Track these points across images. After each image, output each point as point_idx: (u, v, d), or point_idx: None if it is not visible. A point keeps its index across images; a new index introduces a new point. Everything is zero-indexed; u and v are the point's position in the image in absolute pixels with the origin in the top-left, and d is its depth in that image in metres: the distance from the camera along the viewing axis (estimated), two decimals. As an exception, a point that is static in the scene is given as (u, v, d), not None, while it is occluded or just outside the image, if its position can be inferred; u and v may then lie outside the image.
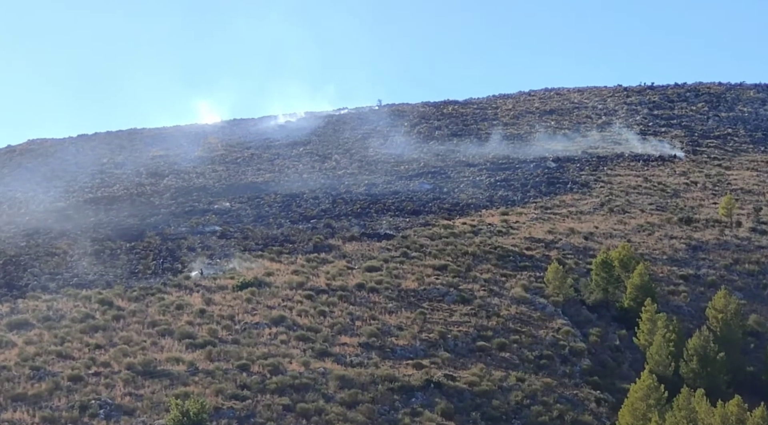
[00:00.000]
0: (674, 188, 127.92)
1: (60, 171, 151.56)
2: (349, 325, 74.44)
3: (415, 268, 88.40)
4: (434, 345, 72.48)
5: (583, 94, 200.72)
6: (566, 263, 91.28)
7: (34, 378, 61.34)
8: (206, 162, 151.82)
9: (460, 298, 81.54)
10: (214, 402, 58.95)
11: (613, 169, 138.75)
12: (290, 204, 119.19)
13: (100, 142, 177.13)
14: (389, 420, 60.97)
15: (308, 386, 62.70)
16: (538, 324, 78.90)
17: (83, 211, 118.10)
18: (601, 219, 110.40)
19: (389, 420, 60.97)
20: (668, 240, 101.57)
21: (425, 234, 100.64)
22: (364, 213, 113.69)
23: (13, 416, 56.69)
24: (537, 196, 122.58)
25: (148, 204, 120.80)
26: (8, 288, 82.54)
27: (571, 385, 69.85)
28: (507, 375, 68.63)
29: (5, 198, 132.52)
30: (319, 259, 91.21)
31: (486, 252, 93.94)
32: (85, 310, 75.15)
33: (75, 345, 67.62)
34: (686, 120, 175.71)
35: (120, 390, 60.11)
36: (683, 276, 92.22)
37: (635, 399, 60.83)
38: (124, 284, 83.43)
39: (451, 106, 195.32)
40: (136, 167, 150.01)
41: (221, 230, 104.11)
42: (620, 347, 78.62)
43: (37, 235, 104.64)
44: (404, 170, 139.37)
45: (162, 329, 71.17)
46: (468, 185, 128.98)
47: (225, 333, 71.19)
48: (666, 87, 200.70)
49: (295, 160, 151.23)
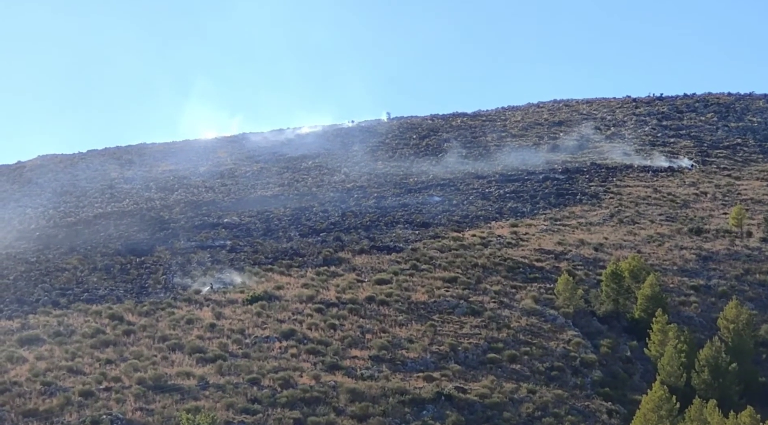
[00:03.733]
0: (684, 199, 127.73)
1: (70, 186, 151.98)
2: (360, 338, 74.39)
3: (425, 281, 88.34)
4: (445, 358, 72.39)
5: (591, 106, 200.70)
6: (576, 274, 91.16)
7: (45, 393, 61.40)
8: (215, 176, 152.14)
9: (470, 310, 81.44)
10: (224, 416, 58.92)
11: (622, 180, 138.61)
12: (299, 217, 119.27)
13: (109, 158, 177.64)
14: (400, 433, 60.88)
15: (319, 399, 62.64)
16: (548, 335, 78.76)
17: (93, 226, 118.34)
18: (610, 230, 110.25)
19: (400, 433, 60.88)
20: (678, 251, 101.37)
21: (435, 247, 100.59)
22: (374, 226, 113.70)
23: (24, 431, 56.81)
24: (546, 208, 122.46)
25: (158, 218, 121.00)
26: (19, 304, 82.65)
27: (583, 397, 69.67)
28: (518, 387, 68.47)
29: (16, 213, 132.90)
30: (329, 272, 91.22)
31: (496, 264, 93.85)
32: (96, 325, 75.22)
33: (86, 360, 67.68)
34: (695, 130, 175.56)
35: (131, 405, 60.11)
36: (694, 287, 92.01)
37: (647, 410, 60.66)
38: (135, 299, 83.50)
39: (460, 118, 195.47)
40: (145, 182, 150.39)
41: (231, 244, 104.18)
42: (631, 358, 78.42)
43: (48, 251, 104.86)
44: (413, 183, 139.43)
45: (172, 343, 71.20)
46: (477, 197, 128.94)
47: (235, 347, 71.19)
48: (675, 97, 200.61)
49: (304, 174, 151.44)
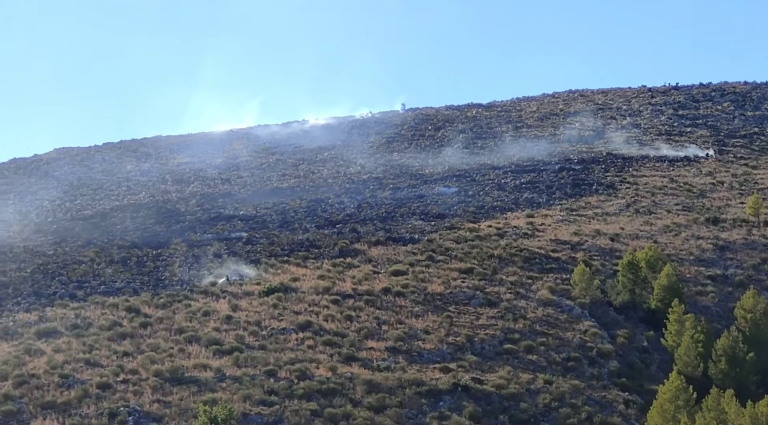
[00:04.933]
0: (700, 188, 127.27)
1: (87, 179, 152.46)
2: (376, 330, 74.43)
3: (441, 272, 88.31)
4: (461, 349, 72.38)
5: (607, 96, 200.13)
6: (592, 265, 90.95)
7: (63, 385, 61.61)
8: (231, 168, 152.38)
9: (486, 301, 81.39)
10: (241, 408, 59.05)
11: (638, 170, 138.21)
12: (315, 209, 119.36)
13: (125, 150, 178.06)
14: (417, 424, 60.88)
15: (336, 391, 62.68)
16: (565, 326, 78.67)
17: (110, 219, 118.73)
18: (627, 220, 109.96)
19: (417, 424, 60.88)
20: (695, 241, 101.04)
21: (451, 238, 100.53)
22: (390, 217, 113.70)
23: (42, 424, 56.99)
24: (562, 198, 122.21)
25: (174, 211, 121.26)
26: (36, 297, 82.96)
27: (599, 387, 69.59)
28: (534, 378, 68.42)
29: (33, 206, 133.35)
30: (345, 264, 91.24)
31: (512, 255, 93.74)
32: (113, 318, 75.46)
33: (103, 352, 67.89)
34: (712, 120, 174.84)
35: (148, 397, 60.28)
36: (711, 277, 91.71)
37: (664, 400, 60.54)
38: (151, 291, 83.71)
39: (475, 109, 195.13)
40: (161, 174, 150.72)
41: (247, 236, 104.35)
42: (648, 348, 78.28)
43: (65, 243, 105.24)
44: (429, 174, 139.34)
45: (189, 336, 71.35)
46: (493, 188, 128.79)
47: (252, 339, 71.31)
48: (691, 87, 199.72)
49: (320, 165, 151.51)
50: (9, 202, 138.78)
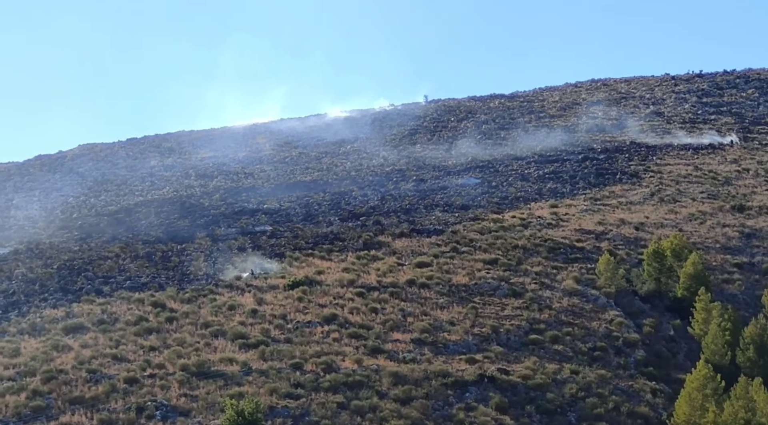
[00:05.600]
0: (725, 176, 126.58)
1: (111, 175, 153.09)
2: (401, 322, 74.42)
3: (465, 263, 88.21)
4: (487, 340, 72.31)
5: (630, 84, 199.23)
6: (617, 254, 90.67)
7: (90, 381, 61.88)
8: (254, 162, 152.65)
9: (511, 292, 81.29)
10: (268, 402, 59.16)
11: (662, 159, 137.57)
12: (339, 202, 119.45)
13: (149, 146, 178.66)
14: (443, 415, 60.88)
15: (362, 383, 62.68)
16: (590, 315, 78.47)
17: (134, 215, 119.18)
18: (651, 209, 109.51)
19: (443, 415, 60.88)
20: (721, 229, 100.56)
21: (475, 229, 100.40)
22: (413, 209, 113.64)
23: (71, 419, 57.22)
24: (586, 188, 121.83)
25: (198, 205, 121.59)
26: (63, 293, 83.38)
27: (626, 377, 69.38)
28: (561, 368, 68.27)
29: (58, 203, 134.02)
30: (370, 256, 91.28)
31: (536, 245, 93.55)
32: (139, 313, 75.74)
33: (130, 347, 68.13)
34: (736, 107, 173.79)
35: (175, 392, 60.47)
36: (737, 265, 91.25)
37: (692, 389, 60.33)
38: (176, 286, 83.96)
39: (498, 99, 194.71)
40: (185, 169, 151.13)
41: (271, 230, 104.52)
42: (675, 337, 78.01)
43: (90, 239, 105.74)
44: (452, 165, 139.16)
45: (215, 330, 71.53)
46: (516, 178, 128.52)
47: (277, 333, 71.44)
48: (715, 74, 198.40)
49: (343, 158, 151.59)
50: (34, 199, 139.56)
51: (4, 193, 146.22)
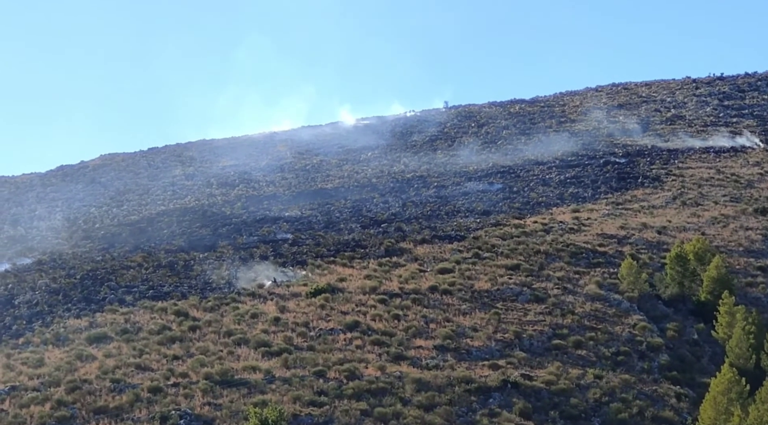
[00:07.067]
0: (748, 179, 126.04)
1: (132, 185, 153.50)
2: (424, 328, 74.37)
3: (487, 269, 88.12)
4: (510, 345, 72.18)
5: (651, 88, 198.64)
6: (640, 258, 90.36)
7: (114, 390, 62.10)
8: (275, 170, 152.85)
9: (533, 297, 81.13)
10: (292, 410, 59.22)
11: (684, 162, 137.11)
12: (360, 209, 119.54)
13: (170, 155, 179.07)
14: (467, 421, 60.80)
15: (385, 390, 62.71)
16: (613, 320, 78.22)
17: (156, 224, 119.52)
18: (673, 212, 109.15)
19: (467, 421, 60.80)
20: (744, 232, 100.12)
21: (496, 234, 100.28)
22: (435, 215, 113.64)
23: (95, 428, 57.55)
24: (608, 192, 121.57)
25: (220, 214, 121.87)
26: (86, 303, 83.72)
27: (650, 381, 69.13)
28: (584, 373, 68.09)
29: (81, 213, 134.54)
30: (391, 263, 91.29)
31: (558, 250, 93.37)
32: (162, 322, 75.97)
33: (153, 356, 68.35)
34: (758, 109, 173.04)
35: (199, 401, 60.62)
36: (761, 268, 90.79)
37: (716, 393, 60.01)
38: (199, 294, 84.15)
39: (518, 105, 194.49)
40: (206, 178, 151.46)
41: (293, 237, 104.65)
42: (698, 341, 77.63)
43: (113, 249, 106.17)
44: (473, 170, 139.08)
45: (238, 338, 71.67)
46: (538, 183, 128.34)
47: (300, 340, 71.50)
48: (736, 77, 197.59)
49: (364, 165, 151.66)
50: (57, 209, 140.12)
51: (27, 203, 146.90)
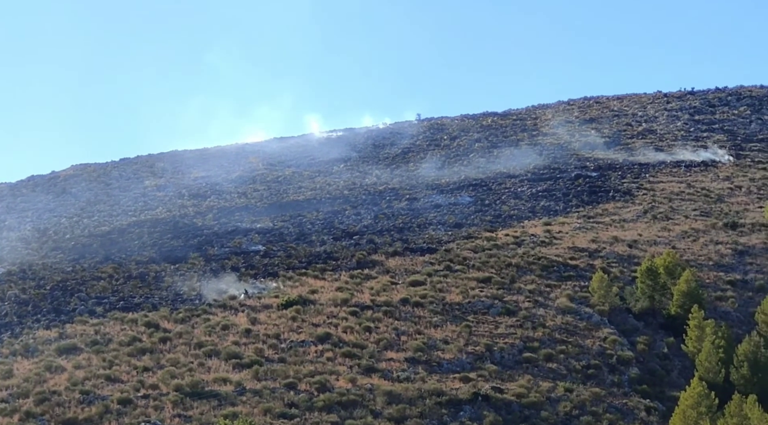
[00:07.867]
0: (718, 193, 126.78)
1: (103, 195, 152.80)
2: (395, 340, 74.38)
3: (458, 281, 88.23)
4: (481, 358, 72.27)
5: (622, 102, 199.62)
6: (611, 272, 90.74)
7: (84, 402, 61.79)
8: (247, 182, 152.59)
9: (505, 310, 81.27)
10: (262, 422, 59.09)
11: (655, 176, 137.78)
12: (332, 221, 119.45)
13: (141, 166, 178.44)
14: (438, 434, 60.80)
15: (356, 402, 62.67)
16: (584, 333, 78.46)
17: (127, 235, 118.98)
18: (644, 226, 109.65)
19: (438, 434, 60.80)
20: (714, 246, 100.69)
21: (468, 247, 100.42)
22: (406, 227, 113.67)
23: (64, 440, 57.18)
24: (579, 206, 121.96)
25: (191, 225, 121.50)
26: (56, 314, 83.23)
27: (620, 394, 69.36)
28: (555, 386, 68.26)
29: (51, 223, 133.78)
30: (363, 275, 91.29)
31: (530, 263, 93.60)
32: (132, 333, 75.62)
33: (123, 368, 68.04)
34: (728, 124, 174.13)
35: (169, 412, 60.38)
36: (730, 282, 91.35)
37: (686, 407, 60.31)
38: (170, 306, 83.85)
39: (491, 117, 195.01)
40: (178, 189, 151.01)
41: (264, 249, 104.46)
42: (668, 355, 77.99)
43: (83, 260, 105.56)
44: (445, 183, 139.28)
45: (208, 350, 71.44)
46: (509, 196, 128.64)
47: (271, 352, 71.36)
48: (707, 91, 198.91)
49: (336, 177, 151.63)
50: (27, 220, 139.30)
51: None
